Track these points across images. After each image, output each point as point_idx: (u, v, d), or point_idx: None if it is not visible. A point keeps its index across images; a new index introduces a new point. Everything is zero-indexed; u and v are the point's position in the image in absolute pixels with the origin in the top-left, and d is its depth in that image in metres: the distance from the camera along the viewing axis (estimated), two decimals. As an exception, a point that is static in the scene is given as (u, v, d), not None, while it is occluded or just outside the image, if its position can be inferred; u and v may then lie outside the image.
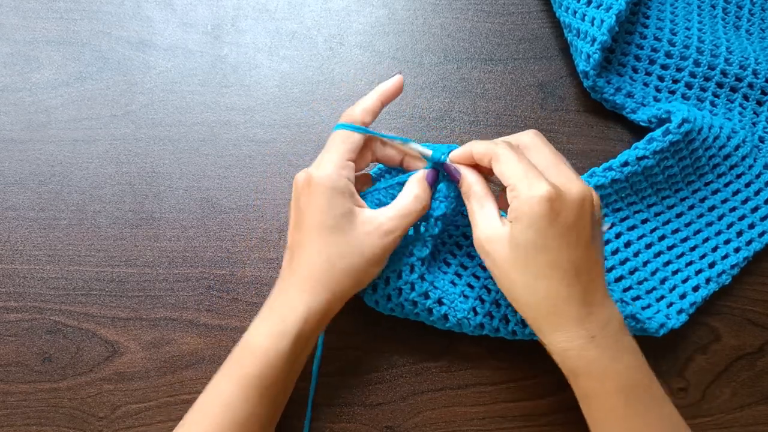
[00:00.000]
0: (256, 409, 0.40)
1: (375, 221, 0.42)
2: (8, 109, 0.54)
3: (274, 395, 0.41)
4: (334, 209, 0.41)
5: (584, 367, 0.39)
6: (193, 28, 0.56)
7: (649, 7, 0.56)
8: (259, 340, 0.41)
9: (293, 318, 0.41)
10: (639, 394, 0.39)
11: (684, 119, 0.49)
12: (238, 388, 0.40)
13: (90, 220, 0.52)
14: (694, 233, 0.52)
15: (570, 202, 0.37)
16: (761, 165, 0.53)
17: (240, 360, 0.41)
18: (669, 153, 0.50)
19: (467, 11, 0.57)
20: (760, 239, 0.52)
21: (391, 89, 0.45)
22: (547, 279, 0.38)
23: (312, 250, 0.41)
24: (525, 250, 0.38)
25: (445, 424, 0.50)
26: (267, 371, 0.40)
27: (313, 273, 0.41)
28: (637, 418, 0.39)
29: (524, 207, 0.37)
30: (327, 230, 0.41)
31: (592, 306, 0.39)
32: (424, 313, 0.46)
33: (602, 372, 0.38)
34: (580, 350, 0.38)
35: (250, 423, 0.40)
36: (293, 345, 0.41)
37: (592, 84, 0.53)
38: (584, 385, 0.39)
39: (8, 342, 0.50)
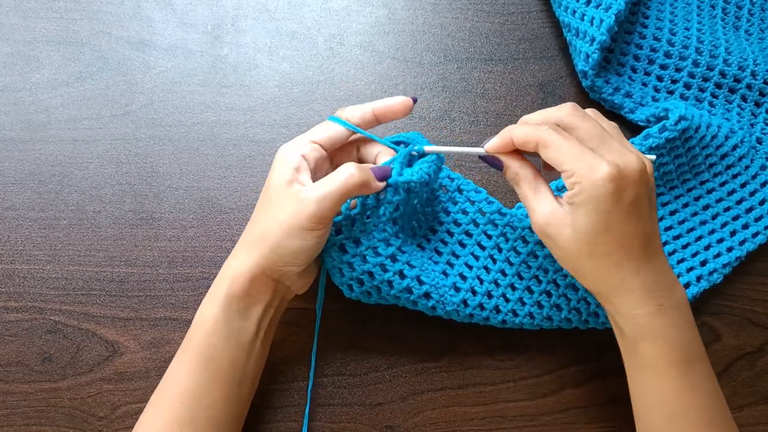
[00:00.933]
0: (205, 381, 0.41)
1: (298, 190, 0.41)
2: (8, 109, 0.54)
3: (221, 367, 0.41)
4: (273, 177, 0.42)
5: (650, 334, 0.39)
6: (193, 28, 0.56)
7: (648, 7, 0.56)
8: (199, 313, 0.42)
9: (221, 281, 0.42)
10: (695, 367, 0.39)
11: (681, 117, 0.49)
12: (185, 362, 0.41)
13: (90, 220, 0.52)
14: (688, 231, 0.52)
15: (631, 177, 0.37)
16: (758, 166, 0.53)
17: (188, 336, 0.43)
18: (665, 150, 0.50)
19: (467, 11, 0.57)
20: (753, 240, 0.52)
21: (391, 107, 0.44)
22: (614, 255, 0.38)
23: (253, 213, 0.44)
24: (592, 232, 0.38)
25: (445, 424, 0.50)
26: (205, 340, 0.41)
27: (244, 236, 0.43)
28: (690, 392, 0.39)
29: (588, 191, 0.37)
30: (262, 195, 0.43)
31: (660, 274, 0.39)
32: (409, 304, 0.46)
33: (666, 340, 0.39)
34: (649, 317, 0.38)
35: (201, 397, 0.41)
36: (225, 308, 0.41)
37: (591, 84, 0.53)
38: (646, 352, 0.39)
39: (8, 342, 0.50)
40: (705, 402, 0.39)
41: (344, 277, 0.45)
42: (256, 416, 0.49)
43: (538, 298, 0.47)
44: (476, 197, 0.49)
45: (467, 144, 0.54)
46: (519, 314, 0.47)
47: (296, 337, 0.50)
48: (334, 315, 0.51)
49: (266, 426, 0.49)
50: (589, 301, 0.47)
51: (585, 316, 0.47)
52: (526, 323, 0.48)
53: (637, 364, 0.40)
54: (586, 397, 0.51)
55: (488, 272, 0.48)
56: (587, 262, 0.39)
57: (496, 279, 0.47)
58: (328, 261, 0.45)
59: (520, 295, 0.47)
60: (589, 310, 0.47)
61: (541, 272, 0.47)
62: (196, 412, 0.41)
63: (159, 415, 0.41)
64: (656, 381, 0.39)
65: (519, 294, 0.47)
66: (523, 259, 0.47)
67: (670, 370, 0.39)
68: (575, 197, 0.38)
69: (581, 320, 0.48)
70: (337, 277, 0.45)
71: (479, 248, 0.48)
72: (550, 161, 0.39)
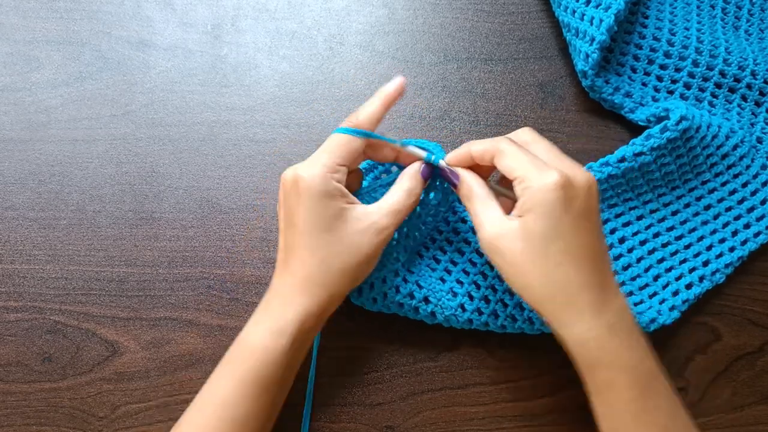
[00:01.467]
0: (254, 407, 0.40)
1: (368, 219, 0.41)
2: (8, 109, 0.54)
3: (272, 394, 0.41)
4: (324, 211, 0.40)
5: (603, 358, 0.38)
6: (193, 27, 0.56)
7: (648, 7, 0.56)
8: (256, 339, 0.41)
9: (291, 317, 0.41)
10: (654, 386, 0.39)
11: (682, 117, 0.49)
12: (235, 387, 0.40)
13: (90, 220, 0.52)
14: (689, 231, 0.52)
15: (580, 189, 0.38)
16: (758, 165, 0.53)
17: (237, 358, 0.41)
18: (666, 150, 0.50)
19: (467, 11, 0.57)
20: (755, 239, 0.52)
21: (394, 92, 0.44)
22: (564, 266, 0.38)
23: (305, 251, 0.41)
24: (540, 239, 0.38)
25: (444, 424, 0.50)
26: (265, 370, 0.40)
27: (308, 274, 0.41)
28: (653, 412, 0.38)
29: (537, 195, 0.37)
30: (319, 231, 0.41)
31: (608, 293, 0.39)
32: (411, 311, 0.47)
33: (621, 362, 0.38)
34: (600, 340, 0.38)
35: (248, 421, 0.40)
36: (291, 343, 0.41)
37: (591, 83, 0.53)
38: (602, 377, 0.39)
39: (8, 342, 0.50)
40: (666, 422, 0.39)
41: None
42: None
43: None
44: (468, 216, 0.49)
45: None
46: (518, 319, 0.47)
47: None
48: (335, 315, 0.51)
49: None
50: None
51: None
52: (526, 328, 0.48)
53: (595, 389, 0.40)
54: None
55: (485, 278, 0.48)
56: (537, 275, 0.38)
57: (493, 284, 0.48)
58: None
59: (518, 299, 0.47)
60: None
61: None
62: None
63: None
64: (618, 404, 0.39)
65: (517, 299, 0.47)
66: None
67: (630, 392, 0.38)
68: (525, 204, 0.38)
69: None
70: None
71: (477, 255, 0.48)
72: (503, 169, 0.39)
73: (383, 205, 0.42)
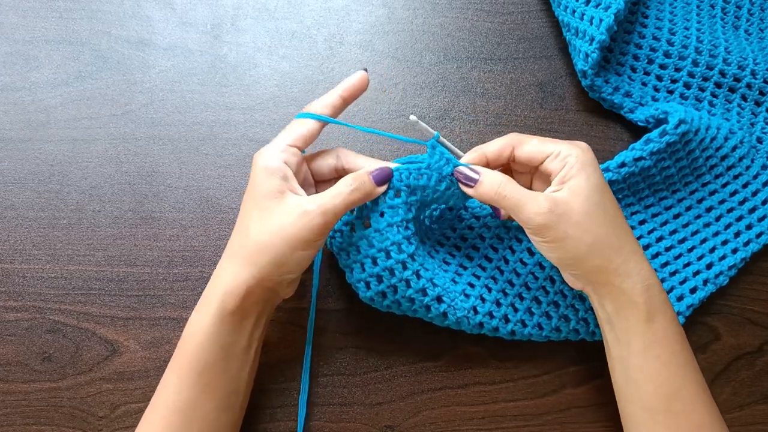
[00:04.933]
0: (195, 393, 0.41)
1: (299, 202, 0.41)
2: (8, 109, 0.54)
3: (213, 379, 0.41)
4: (262, 187, 0.41)
5: (661, 306, 0.40)
6: (193, 27, 0.56)
7: (648, 7, 0.56)
8: (190, 326, 0.42)
9: (212, 295, 0.41)
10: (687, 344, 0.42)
11: (681, 120, 0.49)
12: (177, 376, 0.41)
13: (89, 220, 0.52)
14: (692, 234, 0.52)
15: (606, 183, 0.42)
16: (759, 166, 0.53)
17: (178, 348, 0.42)
18: (666, 154, 0.50)
19: (467, 11, 0.57)
20: (757, 240, 0.52)
21: (354, 85, 0.44)
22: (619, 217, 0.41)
23: (238, 226, 0.42)
24: (599, 191, 0.40)
25: (444, 424, 0.50)
26: (196, 354, 0.41)
27: (234, 249, 0.42)
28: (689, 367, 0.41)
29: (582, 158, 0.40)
30: (252, 206, 0.41)
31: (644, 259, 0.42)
32: (422, 309, 0.46)
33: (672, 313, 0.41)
34: (659, 287, 0.41)
35: (191, 410, 0.41)
36: (217, 323, 0.41)
37: (590, 83, 0.53)
38: (659, 326, 0.40)
39: (8, 341, 0.50)
40: (699, 378, 0.41)
41: (364, 273, 0.44)
42: (255, 416, 0.49)
43: (547, 309, 0.47)
44: (481, 213, 0.49)
45: (467, 143, 0.54)
46: (528, 324, 0.47)
47: (294, 336, 0.50)
48: (335, 315, 0.51)
49: (265, 426, 0.49)
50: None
51: (593, 327, 0.48)
52: (535, 334, 0.48)
53: (648, 341, 0.40)
54: (586, 396, 0.51)
55: (496, 282, 0.48)
56: (604, 226, 0.40)
57: (504, 288, 0.48)
58: (344, 259, 0.45)
59: (528, 304, 0.47)
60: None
61: (548, 283, 0.47)
62: (189, 424, 0.41)
63: (153, 428, 0.41)
64: (665, 357, 0.40)
65: (527, 303, 0.47)
66: (530, 269, 0.47)
67: (679, 343, 0.40)
68: (571, 170, 0.40)
69: (588, 331, 0.48)
70: (357, 272, 0.44)
71: (486, 260, 0.49)
72: (530, 153, 0.42)
73: (318, 195, 0.41)
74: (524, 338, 0.48)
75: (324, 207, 0.40)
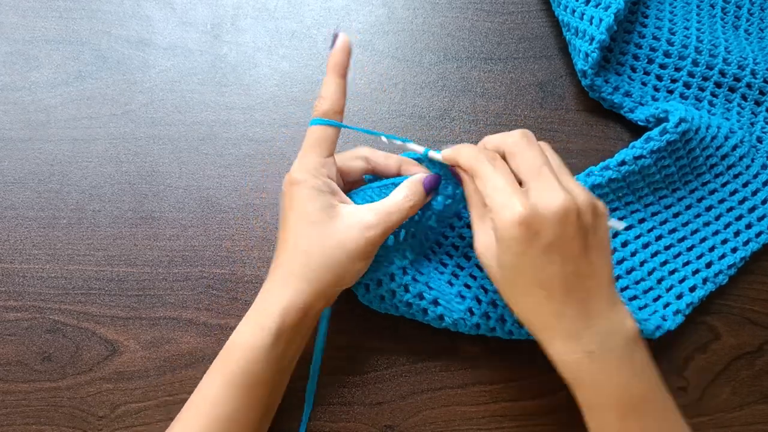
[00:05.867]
0: (243, 405, 0.40)
1: (357, 215, 0.41)
2: (7, 108, 0.54)
3: (261, 393, 0.41)
4: (313, 206, 0.40)
5: (580, 380, 0.38)
6: (193, 27, 0.56)
7: (648, 7, 0.56)
8: (242, 338, 0.41)
9: (272, 312, 0.40)
10: (639, 410, 0.38)
11: (681, 119, 0.49)
12: (223, 386, 0.40)
13: (89, 220, 0.52)
14: (692, 233, 0.52)
15: (549, 219, 0.35)
16: (759, 165, 0.53)
17: (225, 358, 0.41)
18: (666, 152, 0.50)
19: (467, 10, 0.57)
20: (757, 239, 0.52)
21: (342, 57, 0.43)
22: (534, 297, 0.37)
23: (291, 244, 0.41)
24: (509, 270, 0.38)
25: (444, 423, 0.50)
26: (250, 367, 0.40)
27: (292, 267, 0.41)
28: None
29: (499, 230, 0.37)
30: (306, 224, 0.41)
31: (591, 319, 0.37)
32: (419, 313, 0.47)
33: (599, 386, 0.37)
34: (578, 364, 0.37)
35: (238, 419, 0.40)
36: (274, 339, 0.40)
37: (590, 83, 0.53)
38: (581, 396, 0.39)
39: (8, 341, 0.50)
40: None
41: (364, 277, 0.45)
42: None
43: None
44: None
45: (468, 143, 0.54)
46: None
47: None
48: (334, 315, 0.51)
49: (266, 425, 0.49)
50: None
51: None
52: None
53: (579, 405, 0.39)
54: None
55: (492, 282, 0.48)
56: (512, 298, 0.39)
57: None
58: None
59: None
60: None
61: None
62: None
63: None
64: (596, 423, 0.39)
65: None
66: None
67: (607, 414, 0.38)
68: (495, 233, 0.38)
69: None
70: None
71: None
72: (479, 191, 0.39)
73: (375, 206, 0.42)
74: (522, 337, 0.48)
75: (385, 222, 0.41)
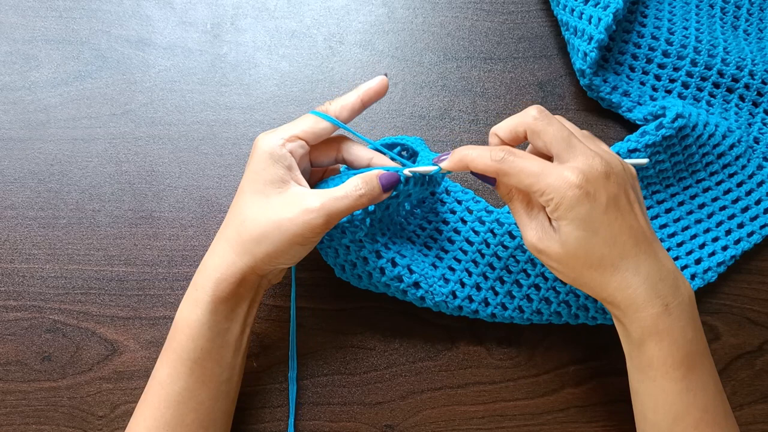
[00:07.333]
0: (189, 384, 0.40)
1: (302, 196, 0.40)
2: (7, 108, 0.54)
3: (206, 370, 0.41)
4: (264, 174, 0.40)
5: (655, 335, 0.38)
6: (193, 26, 0.56)
7: (647, 6, 0.56)
8: (181, 314, 0.41)
9: (205, 284, 0.40)
10: (699, 368, 0.39)
11: (678, 114, 0.49)
12: (167, 365, 0.40)
13: (89, 219, 0.52)
14: (683, 229, 0.52)
15: (598, 179, 0.37)
16: (755, 165, 0.53)
17: (171, 338, 0.41)
18: (661, 148, 0.50)
19: (467, 10, 0.57)
20: (748, 239, 0.52)
21: (374, 89, 0.43)
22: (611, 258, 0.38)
23: (233, 210, 0.41)
24: (580, 240, 0.37)
25: (444, 423, 0.50)
26: (190, 343, 0.40)
27: (227, 233, 0.41)
28: (693, 394, 0.38)
29: (562, 203, 0.37)
30: (251, 193, 0.40)
31: (663, 270, 0.38)
32: (399, 293, 0.47)
33: (671, 341, 0.38)
34: (655, 318, 0.38)
35: (186, 400, 0.40)
36: (210, 312, 0.40)
37: (589, 82, 0.53)
38: (651, 353, 0.39)
39: (7, 341, 0.50)
40: (707, 403, 0.39)
41: (338, 257, 0.46)
42: (256, 416, 0.49)
43: (527, 292, 0.47)
44: (463, 197, 0.50)
45: (467, 143, 0.55)
46: (508, 307, 0.48)
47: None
48: (334, 315, 0.51)
49: (264, 425, 0.49)
50: (578, 294, 0.47)
51: (575, 310, 0.48)
52: (516, 317, 0.48)
53: (642, 365, 0.40)
54: (585, 396, 0.51)
55: (476, 265, 0.48)
56: (585, 271, 0.39)
57: (485, 272, 0.48)
58: (324, 241, 0.45)
59: (509, 288, 0.48)
60: (578, 303, 0.47)
61: (529, 265, 0.47)
62: (184, 414, 0.40)
63: (147, 420, 0.41)
64: (660, 382, 0.39)
65: (508, 287, 0.48)
66: (511, 252, 0.47)
67: (674, 371, 0.38)
68: (554, 213, 0.38)
69: (571, 314, 0.48)
70: (331, 257, 0.46)
71: (467, 243, 0.49)
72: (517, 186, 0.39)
73: (322, 191, 0.40)
74: (506, 320, 0.48)
75: (328, 209, 0.39)
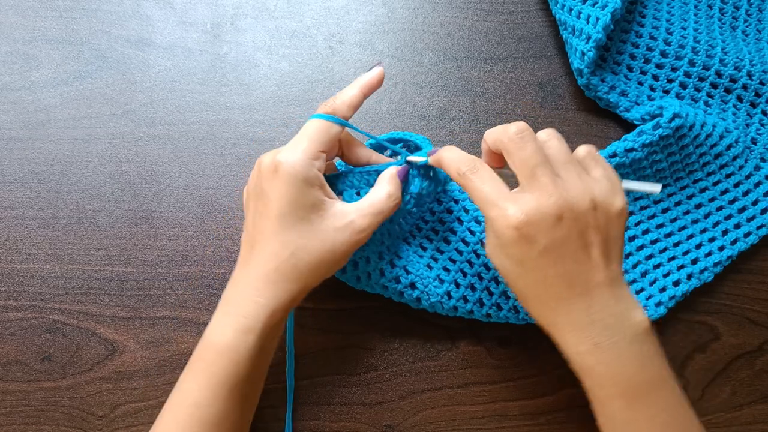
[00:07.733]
0: (226, 407, 0.39)
1: (346, 217, 0.40)
2: (7, 108, 0.54)
3: (244, 393, 0.40)
4: (303, 200, 0.39)
5: (589, 370, 0.38)
6: (193, 26, 0.56)
7: (645, 6, 0.56)
8: (223, 338, 0.39)
9: (258, 313, 0.39)
10: (645, 399, 0.37)
11: (675, 114, 0.49)
12: (206, 387, 0.39)
13: (89, 219, 0.52)
14: (679, 229, 0.52)
15: (542, 224, 0.36)
16: (752, 166, 0.53)
17: (205, 358, 0.40)
18: (658, 147, 0.50)
19: (467, 10, 0.57)
20: (745, 239, 0.52)
21: (373, 81, 0.43)
22: (542, 297, 0.38)
23: (276, 241, 0.39)
24: (512, 274, 0.38)
25: (444, 423, 0.50)
26: (234, 369, 0.39)
27: (277, 266, 0.39)
28: (639, 424, 0.37)
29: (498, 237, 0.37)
30: (294, 222, 0.39)
31: (595, 313, 0.37)
32: (396, 295, 0.47)
33: (606, 376, 0.37)
34: (583, 355, 0.37)
35: (222, 421, 0.39)
36: (260, 341, 0.39)
37: (586, 82, 0.53)
38: (589, 386, 0.39)
39: (8, 341, 0.50)
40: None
41: None
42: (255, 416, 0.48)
43: None
44: (460, 196, 0.50)
45: (467, 143, 0.55)
46: (503, 308, 0.48)
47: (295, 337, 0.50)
48: (334, 315, 0.51)
49: (266, 425, 0.49)
50: None
51: None
52: (511, 317, 0.48)
53: (588, 396, 0.39)
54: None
55: (471, 266, 0.48)
56: (520, 296, 0.39)
57: (480, 272, 0.48)
58: None
59: (504, 288, 0.48)
60: None
61: None
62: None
63: None
64: (602, 415, 0.39)
65: (503, 287, 0.48)
66: None
67: (611, 403, 0.38)
68: (493, 242, 0.38)
69: None
70: None
71: (463, 244, 0.49)
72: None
73: (363, 206, 0.41)
74: (501, 320, 0.48)
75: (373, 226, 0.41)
